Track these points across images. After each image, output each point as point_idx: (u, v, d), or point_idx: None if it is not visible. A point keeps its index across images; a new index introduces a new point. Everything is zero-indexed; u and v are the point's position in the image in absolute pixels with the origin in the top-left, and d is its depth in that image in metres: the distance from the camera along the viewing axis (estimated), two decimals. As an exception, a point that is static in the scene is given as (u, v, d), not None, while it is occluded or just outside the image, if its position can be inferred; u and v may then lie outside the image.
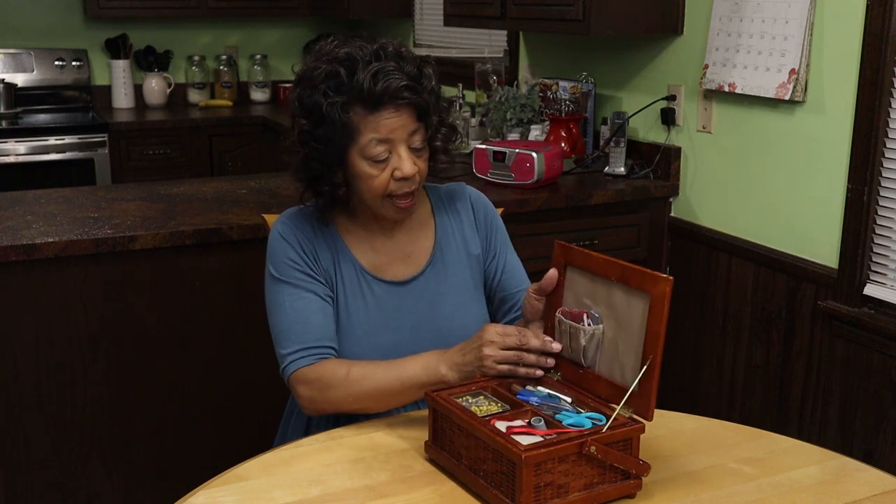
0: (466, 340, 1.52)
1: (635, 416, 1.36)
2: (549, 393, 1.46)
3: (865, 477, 1.45)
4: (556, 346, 1.48)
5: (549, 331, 1.51)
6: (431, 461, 1.44)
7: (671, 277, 1.32)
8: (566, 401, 1.44)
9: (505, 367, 1.47)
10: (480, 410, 1.41)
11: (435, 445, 1.44)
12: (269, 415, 2.00)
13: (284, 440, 1.72)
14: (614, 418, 1.33)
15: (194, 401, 2.53)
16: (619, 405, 1.37)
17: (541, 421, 1.36)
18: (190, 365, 2.50)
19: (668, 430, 1.58)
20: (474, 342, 1.49)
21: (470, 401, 1.44)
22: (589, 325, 1.44)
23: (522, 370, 1.48)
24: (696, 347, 2.96)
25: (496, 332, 1.48)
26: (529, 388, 1.48)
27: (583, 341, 1.44)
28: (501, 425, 1.34)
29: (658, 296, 1.33)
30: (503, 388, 1.47)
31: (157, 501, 2.49)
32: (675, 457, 1.48)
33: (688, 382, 3.00)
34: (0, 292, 2.27)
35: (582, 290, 1.47)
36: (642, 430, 1.35)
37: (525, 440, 1.29)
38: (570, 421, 1.36)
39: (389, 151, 1.57)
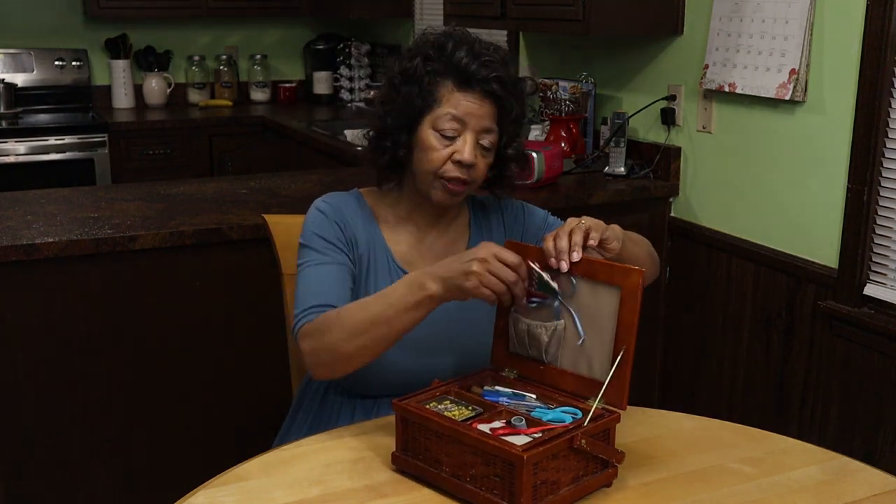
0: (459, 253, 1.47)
1: (608, 407, 1.37)
2: (513, 392, 1.46)
3: (865, 477, 1.45)
4: (576, 256, 1.40)
5: (503, 329, 1.50)
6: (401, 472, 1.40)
7: (642, 269, 1.35)
8: (531, 397, 1.44)
9: (488, 291, 1.39)
10: (454, 415, 1.38)
11: (405, 455, 1.40)
12: (269, 415, 2.00)
13: (286, 439, 1.73)
14: (593, 410, 1.34)
15: (194, 400, 2.53)
16: (590, 397, 1.38)
17: (521, 420, 1.35)
18: (190, 365, 2.50)
19: (668, 430, 1.58)
20: (466, 256, 1.42)
21: (438, 407, 1.41)
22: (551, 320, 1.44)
23: (500, 298, 1.40)
24: (696, 347, 2.96)
25: (493, 253, 1.39)
26: (488, 388, 1.47)
27: (545, 338, 1.44)
28: (484, 428, 1.33)
29: (630, 288, 1.35)
30: (464, 389, 1.46)
31: (157, 501, 2.49)
32: (675, 457, 1.48)
33: (688, 382, 3.00)
34: (0, 292, 2.27)
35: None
36: (618, 419, 1.37)
37: (517, 440, 1.29)
38: (549, 417, 1.36)
39: (458, 133, 1.59)
